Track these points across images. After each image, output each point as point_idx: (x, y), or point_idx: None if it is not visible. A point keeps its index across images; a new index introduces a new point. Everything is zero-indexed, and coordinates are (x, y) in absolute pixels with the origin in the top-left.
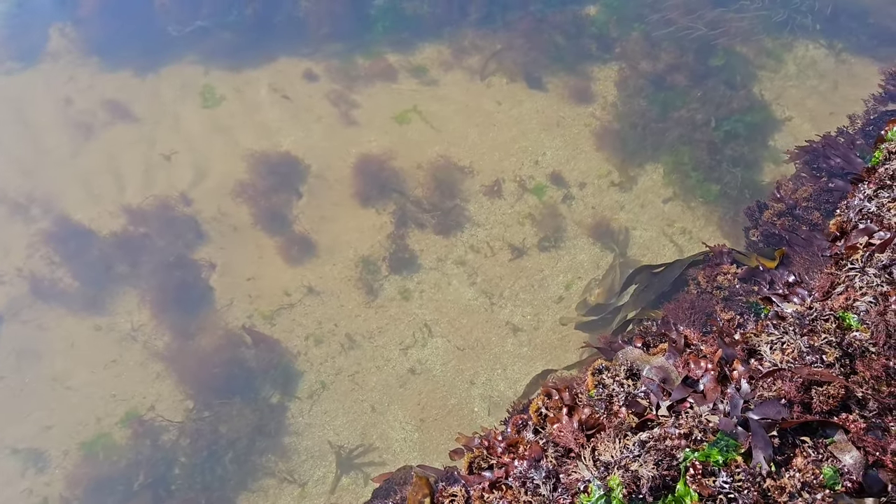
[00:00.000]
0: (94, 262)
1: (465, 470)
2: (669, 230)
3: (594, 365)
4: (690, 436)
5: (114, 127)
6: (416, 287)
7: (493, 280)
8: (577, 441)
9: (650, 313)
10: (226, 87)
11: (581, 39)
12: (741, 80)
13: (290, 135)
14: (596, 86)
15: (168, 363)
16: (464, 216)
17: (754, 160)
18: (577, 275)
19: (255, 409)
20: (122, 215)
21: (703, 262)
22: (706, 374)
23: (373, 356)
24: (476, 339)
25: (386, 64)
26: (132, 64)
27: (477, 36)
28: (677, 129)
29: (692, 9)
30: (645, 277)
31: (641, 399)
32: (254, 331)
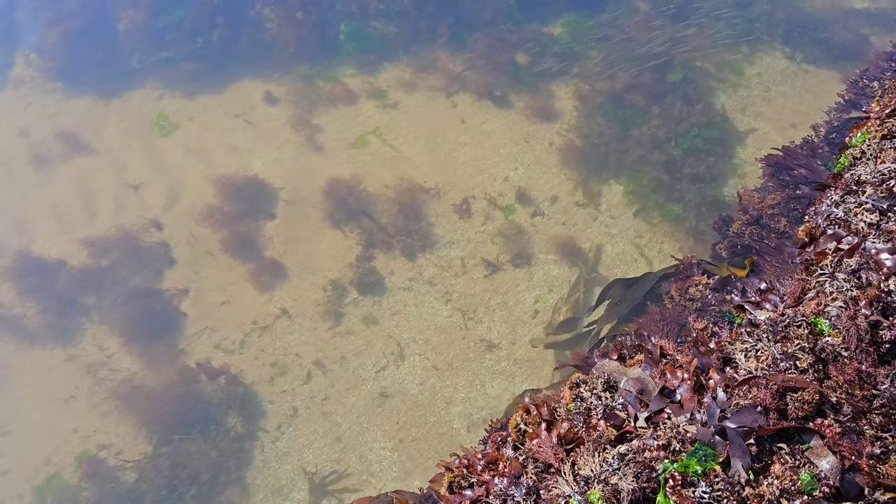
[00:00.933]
0: (60, 295)
1: (445, 490)
2: (635, 248)
3: (571, 379)
4: (669, 447)
5: (75, 156)
6: (390, 308)
7: (467, 297)
8: (556, 456)
9: (623, 328)
10: (185, 114)
11: (544, 58)
12: (700, 95)
13: (255, 159)
14: (558, 104)
15: (125, 399)
16: (435, 235)
17: (718, 174)
18: (550, 289)
19: (216, 445)
20: (88, 246)
21: (674, 274)
22: (683, 383)
23: (346, 379)
24: (453, 356)
25: (348, 87)
26: (95, 91)
27: (444, 56)
28: (637, 149)
29: (651, 26)
30: (618, 291)
31: (619, 411)
32: (206, 366)
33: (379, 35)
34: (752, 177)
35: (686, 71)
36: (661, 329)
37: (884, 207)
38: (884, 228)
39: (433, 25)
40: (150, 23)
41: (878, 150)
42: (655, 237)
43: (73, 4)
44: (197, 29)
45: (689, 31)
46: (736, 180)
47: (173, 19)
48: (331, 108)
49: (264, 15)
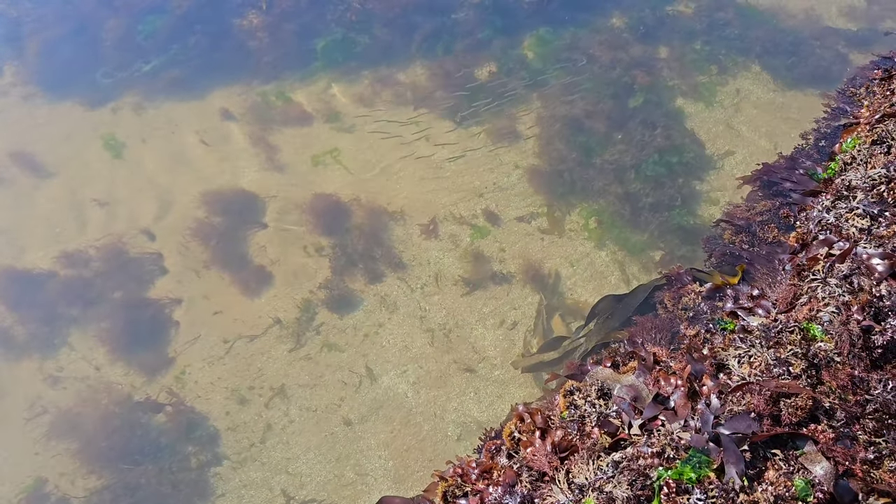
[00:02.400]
0: (47, 306)
1: (439, 499)
2: (600, 275)
3: (565, 386)
4: (663, 454)
5: (61, 167)
6: (358, 329)
7: (441, 317)
8: (550, 464)
9: (616, 335)
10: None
11: (510, 80)
12: (670, 118)
13: (233, 172)
14: (521, 127)
15: (74, 429)
16: (401, 255)
17: (688, 200)
18: (514, 307)
19: (179, 471)
20: (76, 258)
21: (666, 285)
22: (676, 390)
23: (335, 394)
24: (446, 365)
25: (304, 108)
26: (78, 101)
27: (418, 70)
28: (602, 175)
29: (618, 45)
30: (608, 306)
31: (613, 418)
32: (152, 402)
33: (356, 46)
34: (723, 202)
35: (655, 93)
36: (653, 337)
37: (875, 212)
38: (875, 233)
39: (411, 33)
40: (130, 31)
41: (868, 155)
42: (622, 264)
43: (55, 14)
44: (174, 37)
45: (660, 50)
46: (708, 206)
47: (151, 28)
48: (291, 124)
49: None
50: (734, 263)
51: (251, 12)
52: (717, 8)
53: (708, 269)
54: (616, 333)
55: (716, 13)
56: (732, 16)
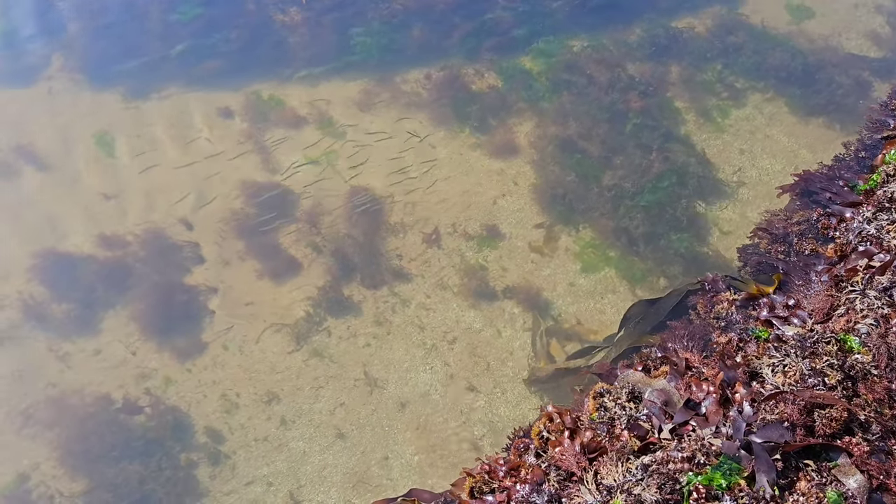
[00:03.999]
0: (87, 289)
1: (466, 495)
2: (600, 297)
3: (595, 388)
4: (693, 459)
5: (103, 155)
6: (356, 338)
7: (439, 333)
8: (579, 464)
9: (647, 339)
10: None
11: (510, 95)
12: (677, 141)
13: (269, 166)
14: (520, 140)
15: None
16: (401, 265)
17: (695, 228)
18: (514, 322)
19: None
20: (115, 242)
21: (700, 290)
22: (708, 396)
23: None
24: (475, 362)
25: (333, 104)
26: (121, 90)
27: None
28: (600, 200)
29: (618, 62)
30: (640, 310)
31: (643, 422)
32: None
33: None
34: (739, 234)
35: (663, 115)
36: (685, 344)
37: None
38: None
39: (448, 34)
40: (172, 21)
41: None
42: (620, 289)
43: (103, 4)
44: (215, 28)
45: (671, 70)
46: (717, 235)
47: (193, 18)
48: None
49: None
50: (769, 273)
51: (292, 8)
52: (731, 29)
53: (743, 278)
54: (647, 338)
55: (729, 35)
56: (746, 38)
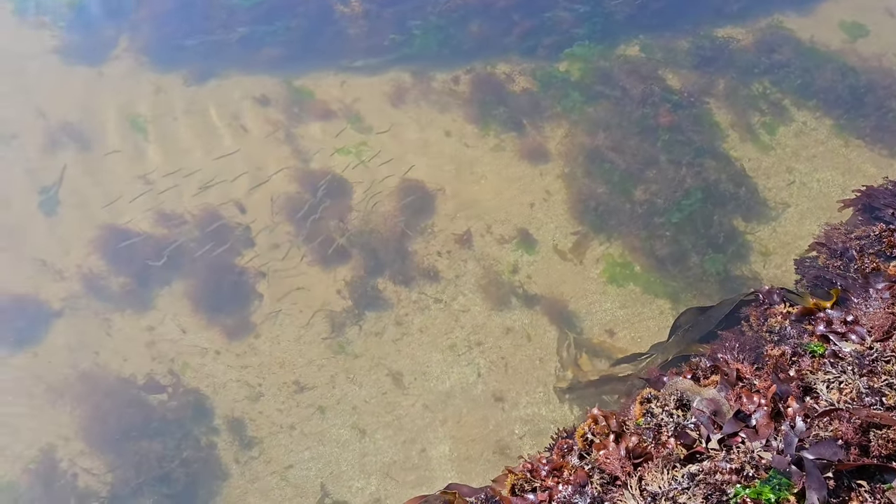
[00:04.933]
0: (142, 264)
1: (507, 492)
2: (630, 315)
3: (642, 394)
4: (742, 471)
5: (160, 136)
6: (385, 333)
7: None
8: (623, 469)
9: (697, 348)
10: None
11: (545, 99)
12: (717, 158)
13: (355, 151)
14: (552, 146)
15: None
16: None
17: (733, 248)
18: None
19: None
20: (175, 219)
21: (753, 301)
22: (759, 409)
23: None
24: (519, 361)
25: (391, 96)
26: (183, 73)
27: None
28: (634, 213)
29: (658, 71)
30: (691, 317)
31: (691, 431)
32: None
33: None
34: (779, 254)
35: (702, 128)
36: (736, 356)
37: None
38: None
39: (509, 27)
40: (236, 7)
41: None
42: (650, 305)
43: None
44: (277, 15)
45: (717, 83)
46: (755, 257)
47: (252, 3)
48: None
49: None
50: (826, 287)
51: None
52: (778, 45)
53: (799, 291)
54: (697, 347)
55: (776, 51)
56: (793, 55)
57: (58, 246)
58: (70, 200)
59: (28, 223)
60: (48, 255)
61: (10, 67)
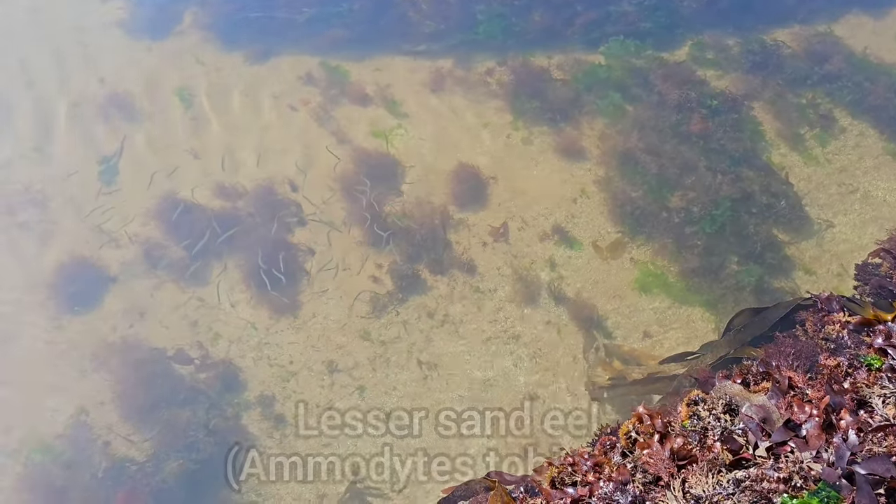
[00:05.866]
0: (199, 236)
1: (546, 484)
2: (655, 327)
3: (689, 395)
4: (790, 481)
5: (217, 113)
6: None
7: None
8: (667, 470)
9: (750, 351)
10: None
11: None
12: (760, 168)
13: (405, 134)
14: (588, 143)
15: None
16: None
17: (774, 263)
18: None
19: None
20: (230, 193)
21: (811, 306)
22: (810, 419)
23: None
24: (561, 354)
25: (453, 82)
26: (245, 51)
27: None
28: (671, 221)
29: (697, 76)
30: (745, 318)
31: (738, 436)
32: (183, 354)
33: (515, 26)
34: (822, 273)
35: (748, 137)
36: (790, 363)
37: None
38: None
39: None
40: None
41: None
42: (678, 317)
43: None
44: None
45: (764, 91)
46: (794, 272)
47: None
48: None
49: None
50: (889, 298)
51: None
52: (829, 55)
53: (858, 300)
54: (750, 350)
55: (827, 61)
56: (844, 65)
57: (116, 215)
58: (128, 171)
59: (88, 192)
60: (106, 223)
61: (76, 39)
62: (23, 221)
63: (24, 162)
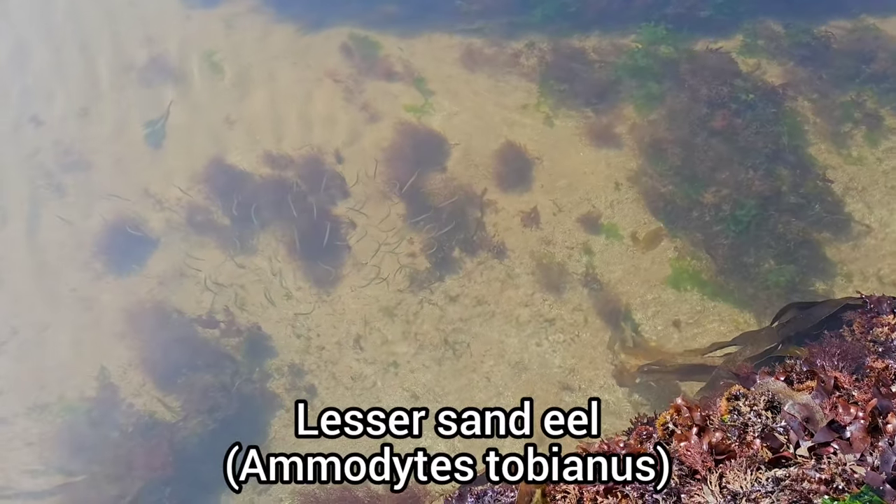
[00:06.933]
0: (244, 203)
1: None
2: (682, 319)
3: (730, 390)
4: (832, 483)
5: (264, 81)
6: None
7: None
8: (704, 464)
9: (794, 350)
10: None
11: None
12: (799, 167)
13: (439, 112)
14: (621, 130)
15: None
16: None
17: (810, 266)
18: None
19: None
20: (276, 162)
21: (859, 306)
22: (856, 421)
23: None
24: (600, 340)
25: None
26: (297, 22)
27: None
28: (705, 217)
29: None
30: (791, 313)
31: (779, 434)
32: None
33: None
34: (858, 277)
35: (785, 131)
36: (835, 363)
37: None
38: None
39: None
40: None
41: None
42: (710, 310)
43: None
44: None
45: (809, 85)
46: (838, 281)
47: None
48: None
49: None
50: None
51: None
52: (877, 52)
53: None
54: (794, 349)
55: (874, 60)
56: (891, 64)
57: (161, 178)
58: (175, 135)
59: (135, 154)
60: (152, 186)
61: (129, 2)
62: (69, 182)
63: (72, 122)
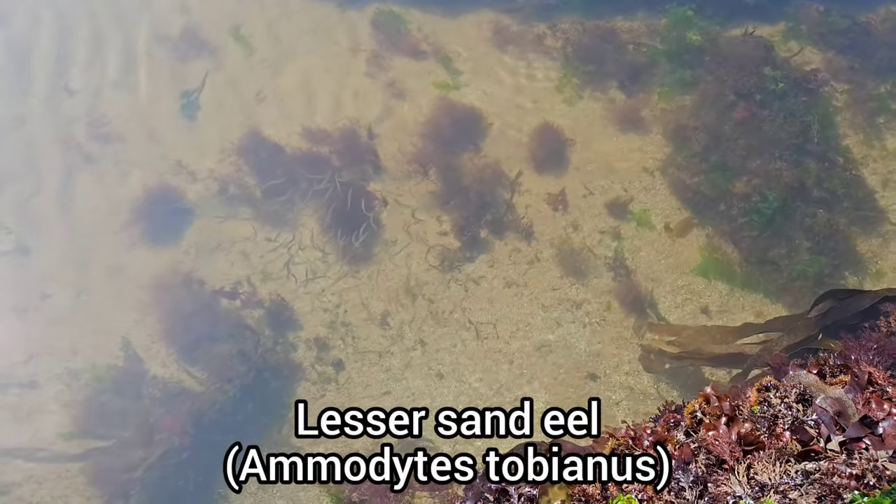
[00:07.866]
0: (278, 176)
1: (607, 454)
2: (710, 307)
3: (762, 381)
4: (863, 478)
5: (301, 55)
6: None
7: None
8: (732, 454)
9: (829, 343)
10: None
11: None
12: (829, 158)
13: (475, 90)
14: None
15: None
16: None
17: (841, 261)
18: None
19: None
20: (309, 135)
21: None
22: (889, 417)
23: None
24: (626, 325)
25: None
26: None
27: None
28: (732, 208)
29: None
30: (829, 302)
31: (810, 428)
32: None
33: None
34: (891, 276)
35: (817, 120)
36: (870, 358)
37: None
38: None
39: None
40: None
41: None
42: (738, 304)
43: None
44: None
45: (845, 84)
46: (869, 276)
47: None
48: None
49: None
50: None
51: None
52: None
53: None
54: (828, 342)
55: None
56: None
57: (196, 150)
58: (210, 107)
59: (170, 125)
60: (186, 157)
61: None
62: (105, 152)
63: (109, 93)
